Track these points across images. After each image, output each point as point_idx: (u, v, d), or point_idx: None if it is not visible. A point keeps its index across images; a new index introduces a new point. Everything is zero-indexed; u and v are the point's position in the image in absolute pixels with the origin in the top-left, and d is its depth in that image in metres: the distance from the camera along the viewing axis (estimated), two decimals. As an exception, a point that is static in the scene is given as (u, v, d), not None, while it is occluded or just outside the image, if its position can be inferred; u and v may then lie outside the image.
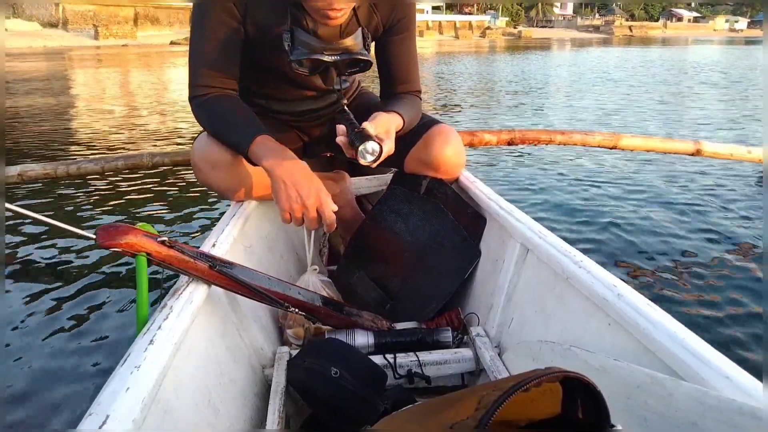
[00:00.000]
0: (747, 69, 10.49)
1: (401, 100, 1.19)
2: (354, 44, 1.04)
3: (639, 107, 5.64)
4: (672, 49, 19.76)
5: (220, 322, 0.88)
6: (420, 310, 1.15)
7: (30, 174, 1.87)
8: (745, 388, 0.53)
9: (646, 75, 8.83)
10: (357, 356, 0.87)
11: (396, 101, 1.18)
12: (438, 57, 15.52)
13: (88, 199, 2.55)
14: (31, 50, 18.84)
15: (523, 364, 0.89)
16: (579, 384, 0.48)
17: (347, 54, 1.02)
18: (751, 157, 2.19)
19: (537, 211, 2.43)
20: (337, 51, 1.02)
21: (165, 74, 9.96)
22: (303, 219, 1.02)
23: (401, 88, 1.23)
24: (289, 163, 1.00)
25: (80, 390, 1.23)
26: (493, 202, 1.15)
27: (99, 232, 0.77)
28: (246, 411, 0.85)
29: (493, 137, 2.01)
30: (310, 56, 0.99)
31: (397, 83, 1.22)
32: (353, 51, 1.02)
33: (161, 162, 1.90)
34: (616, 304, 0.72)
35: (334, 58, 1.01)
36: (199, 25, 1.05)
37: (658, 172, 3.11)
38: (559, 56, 16.29)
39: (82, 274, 1.78)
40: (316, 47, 1.01)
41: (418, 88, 1.25)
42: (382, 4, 1.12)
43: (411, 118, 1.16)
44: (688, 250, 2.02)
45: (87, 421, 0.51)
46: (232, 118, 1.07)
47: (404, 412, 0.59)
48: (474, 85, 7.98)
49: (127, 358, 0.61)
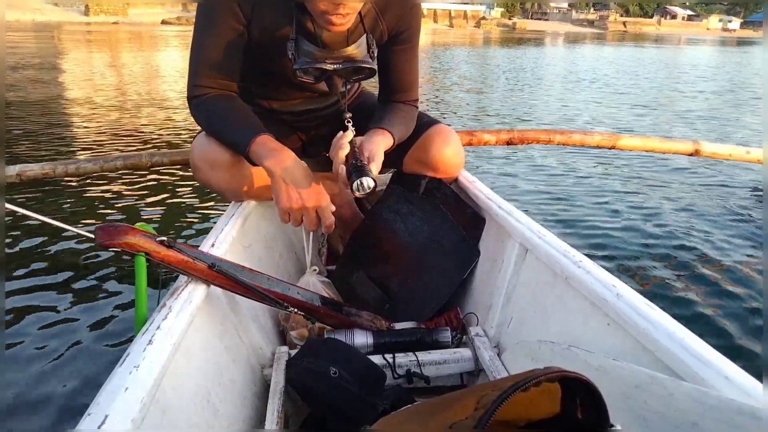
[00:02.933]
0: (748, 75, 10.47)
1: (397, 111, 1.19)
2: (357, 52, 1.05)
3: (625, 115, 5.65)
4: (665, 51, 19.72)
5: (219, 321, 0.88)
6: (419, 310, 1.15)
7: (29, 174, 1.86)
8: (744, 388, 0.53)
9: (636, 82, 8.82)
10: (356, 356, 0.87)
11: (391, 112, 1.18)
12: (432, 48, 15.55)
13: (88, 199, 2.54)
14: (19, 24, 18.58)
15: (522, 364, 0.89)
16: (578, 384, 0.48)
17: (350, 62, 1.02)
18: (750, 158, 2.19)
19: (536, 211, 2.43)
20: (340, 59, 1.02)
21: (161, 63, 9.88)
22: (302, 219, 1.02)
23: (399, 98, 1.22)
24: (290, 163, 1.00)
25: (79, 390, 1.22)
26: (492, 202, 1.15)
27: (98, 232, 0.77)
28: (245, 411, 0.85)
29: (492, 137, 2.01)
30: (313, 65, 1.00)
31: (395, 92, 1.22)
32: (356, 59, 1.03)
33: (160, 162, 1.90)
34: (615, 304, 0.72)
35: (337, 66, 1.02)
36: (203, 26, 1.05)
37: (657, 172, 3.11)
38: (552, 53, 16.24)
39: (81, 273, 1.78)
40: (319, 56, 1.02)
41: (416, 98, 1.24)
42: (388, 14, 1.11)
43: (402, 134, 1.17)
44: (688, 250, 2.02)
45: (86, 421, 0.51)
46: (232, 117, 1.07)
47: (403, 412, 0.59)
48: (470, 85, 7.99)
49: (126, 357, 0.61)
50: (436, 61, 11.19)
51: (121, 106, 5.30)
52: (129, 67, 8.95)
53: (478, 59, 12.73)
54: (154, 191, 2.69)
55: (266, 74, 1.18)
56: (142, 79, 7.51)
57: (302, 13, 1.03)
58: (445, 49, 15.89)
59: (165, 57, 11.11)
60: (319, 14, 0.96)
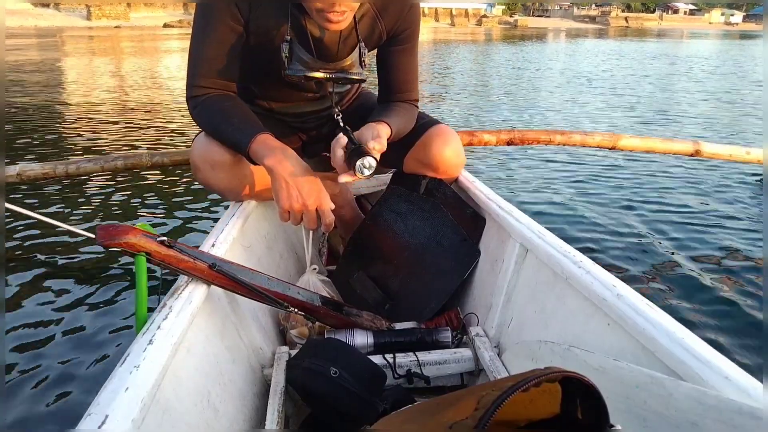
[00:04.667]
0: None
1: (396, 108, 1.19)
2: (350, 64, 1.09)
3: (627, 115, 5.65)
4: (667, 45, 19.68)
5: (219, 321, 0.88)
6: (419, 310, 1.15)
7: (29, 174, 1.86)
8: (744, 388, 0.53)
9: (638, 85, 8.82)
10: (356, 356, 0.87)
11: (390, 109, 1.18)
12: (434, 46, 15.52)
13: (88, 199, 2.55)
14: (23, 29, 18.60)
15: (522, 364, 0.89)
16: (578, 384, 0.48)
17: (342, 73, 1.08)
18: (750, 158, 2.19)
19: (536, 211, 2.43)
20: (333, 70, 1.07)
21: (162, 65, 9.90)
22: (302, 218, 1.02)
23: (398, 97, 1.22)
24: (291, 162, 1.00)
25: (79, 390, 1.22)
26: (492, 202, 1.15)
27: (99, 232, 0.77)
28: (245, 411, 0.85)
29: (493, 137, 2.01)
30: (305, 73, 1.05)
31: (395, 92, 1.22)
32: (348, 71, 1.08)
33: (161, 162, 1.90)
34: (615, 304, 0.72)
35: (328, 75, 1.07)
36: (201, 27, 1.05)
37: (657, 172, 3.11)
38: (553, 49, 16.26)
39: (81, 273, 1.78)
40: (312, 65, 1.05)
41: (415, 98, 1.24)
42: (388, 14, 1.11)
43: (400, 127, 1.16)
44: (688, 251, 2.02)
45: (86, 421, 0.51)
46: (232, 117, 1.07)
47: (403, 411, 0.59)
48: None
49: (126, 357, 0.61)
50: (437, 60, 11.20)
51: (122, 107, 5.30)
52: (130, 69, 8.96)
53: (479, 57, 12.74)
54: (154, 191, 2.69)
55: (265, 74, 1.18)
56: (143, 80, 7.52)
57: (300, 13, 1.03)
58: (446, 48, 15.90)
59: (166, 59, 11.12)
60: (316, 12, 0.97)
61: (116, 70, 8.72)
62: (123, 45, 15.06)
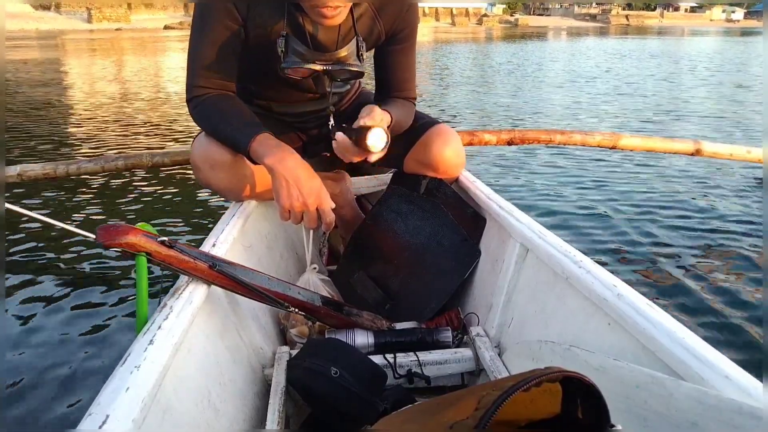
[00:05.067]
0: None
1: (394, 101, 1.20)
2: (347, 55, 1.08)
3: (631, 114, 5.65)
4: (668, 42, 19.64)
5: (219, 322, 0.88)
6: (420, 309, 1.15)
7: (30, 174, 1.87)
8: (744, 388, 0.53)
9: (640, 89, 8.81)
10: (357, 356, 0.87)
11: (388, 102, 1.18)
12: (434, 46, 15.51)
13: (88, 199, 2.55)
14: (23, 32, 18.63)
15: (522, 364, 0.89)
16: (579, 384, 0.48)
17: (339, 64, 1.07)
18: (750, 158, 2.19)
19: (536, 210, 2.43)
20: (329, 61, 1.06)
21: (163, 65, 9.90)
22: (302, 217, 1.02)
23: (396, 95, 1.23)
24: (291, 161, 1.00)
25: (80, 390, 1.23)
26: (492, 202, 1.15)
27: (99, 232, 0.77)
28: (246, 411, 0.85)
29: (493, 137, 2.01)
30: (302, 65, 1.04)
31: (392, 90, 1.23)
32: (345, 62, 1.07)
33: (161, 162, 1.90)
34: (615, 304, 0.72)
35: (326, 67, 1.06)
36: (199, 27, 1.05)
37: (658, 172, 3.11)
38: (554, 47, 16.27)
39: (82, 273, 1.78)
40: (308, 57, 1.05)
41: (413, 96, 1.25)
42: (386, 13, 1.11)
43: (399, 117, 1.16)
44: (689, 250, 2.02)
45: (87, 421, 0.51)
46: (232, 116, 1.07)
47: (404, 411, 0.59)
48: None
49: (126, 357, 0.61)
50: (437, 60, 11.19)
51: (123, 107, 5.30)
52: (131, 70, 8.96)
53: (480, 56, 12.73)
54: (154, 191, 2.69)
55: (264, 74, 1.18)
56: (144, 81, 7.52)
57: (296, 10, 1.04)
58: (447, 47, 15.89)
59: (166, 60, 11.12)
60: (310, 8, 0.97)
61: (117, 72, 8.72)
62: (123, 44, 15.05)
